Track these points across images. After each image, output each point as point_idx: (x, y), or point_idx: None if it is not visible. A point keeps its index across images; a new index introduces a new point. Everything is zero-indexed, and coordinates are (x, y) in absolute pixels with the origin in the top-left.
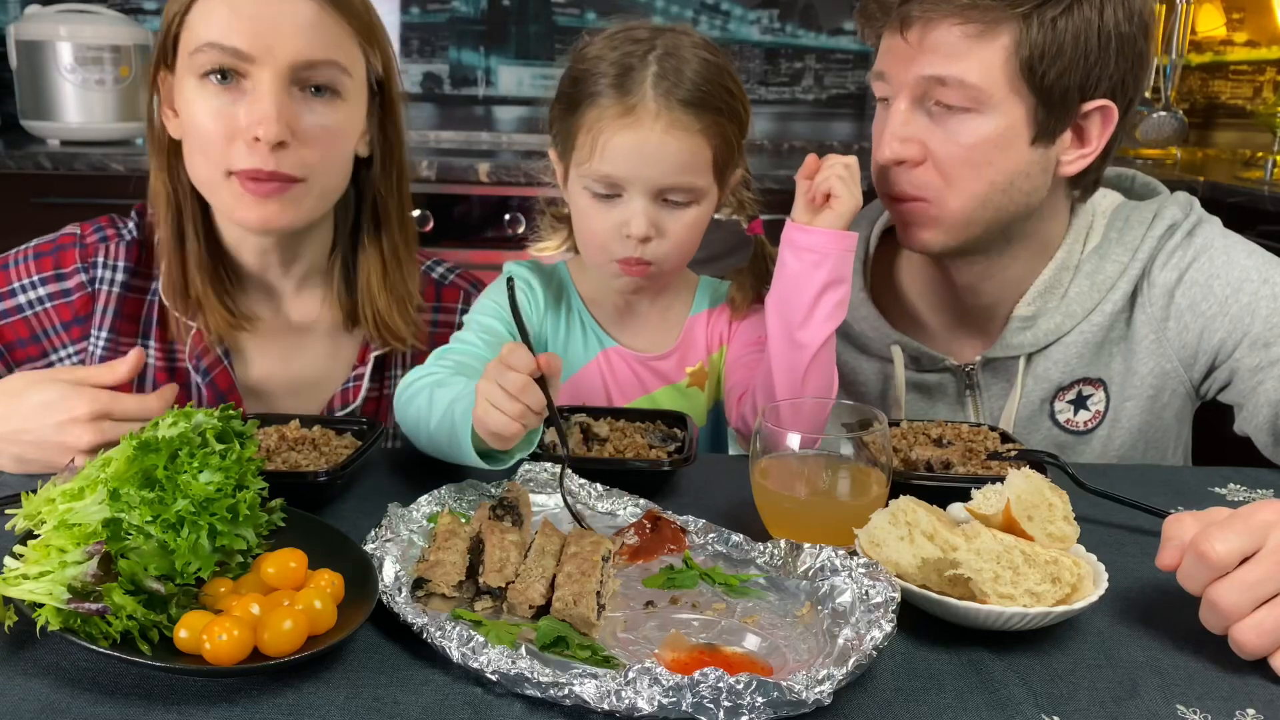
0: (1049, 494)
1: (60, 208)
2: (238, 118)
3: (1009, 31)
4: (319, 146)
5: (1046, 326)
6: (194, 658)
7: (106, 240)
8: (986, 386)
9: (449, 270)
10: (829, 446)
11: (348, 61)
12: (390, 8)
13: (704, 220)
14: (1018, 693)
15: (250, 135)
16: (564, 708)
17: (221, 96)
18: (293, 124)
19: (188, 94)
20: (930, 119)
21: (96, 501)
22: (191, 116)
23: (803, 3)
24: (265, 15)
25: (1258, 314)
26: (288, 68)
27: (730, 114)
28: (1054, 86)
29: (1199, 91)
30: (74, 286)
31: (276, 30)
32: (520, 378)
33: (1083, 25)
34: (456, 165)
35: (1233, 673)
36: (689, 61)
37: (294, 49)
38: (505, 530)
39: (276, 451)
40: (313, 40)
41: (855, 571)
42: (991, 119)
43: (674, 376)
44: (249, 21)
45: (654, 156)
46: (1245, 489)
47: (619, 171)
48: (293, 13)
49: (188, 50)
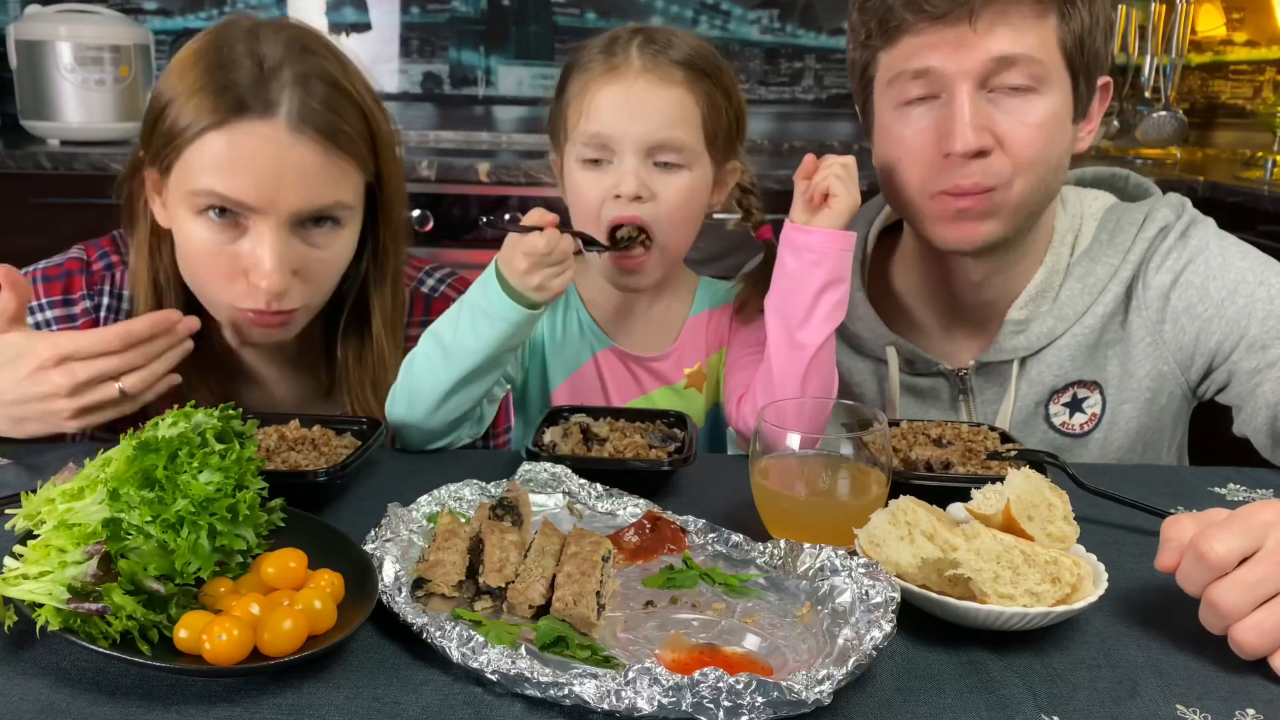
0: (1049, 494)
1: (60, 208)
2: (239, 258)
3: (1054, 9)
4: (319, 278)
5: (1039, 330)
6: (194, 658)
7: (112, 268)
8: (980, 391)
9: (440, 280)
10: (829, 446)
11: (350, 197)
12: (390, 8)
13: (697, 191)
14: (1018, 693)
15: (252, 281)
16: (564, 708)
17: (220, 234)
18: (295, 265)
19: (182, 218)
20: (993, 105)
21: (96, 501)
22: (188, 244)
23: (803, 3)
24: (269, 168)
25: (1254, 316)
26: (290, 216)
27: (718, 82)
28: (1090, 64)
29: (1199, 91)
30: (79, 312)
31: (279, 182)
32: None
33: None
34: (456, 165)
35: (1233, 673)
36: (677, 35)
37: (298, 199)
38: (505, 530)
39: (276, 451)
40: (317, 188)
41: (855, 571)
42: (1050, 97)
43: (672, 378)
44: (251, 174)
45: (639, 108)
46: (1245, 489)
47: (606, 128)
48: (298, 164)
49: (184, 184)
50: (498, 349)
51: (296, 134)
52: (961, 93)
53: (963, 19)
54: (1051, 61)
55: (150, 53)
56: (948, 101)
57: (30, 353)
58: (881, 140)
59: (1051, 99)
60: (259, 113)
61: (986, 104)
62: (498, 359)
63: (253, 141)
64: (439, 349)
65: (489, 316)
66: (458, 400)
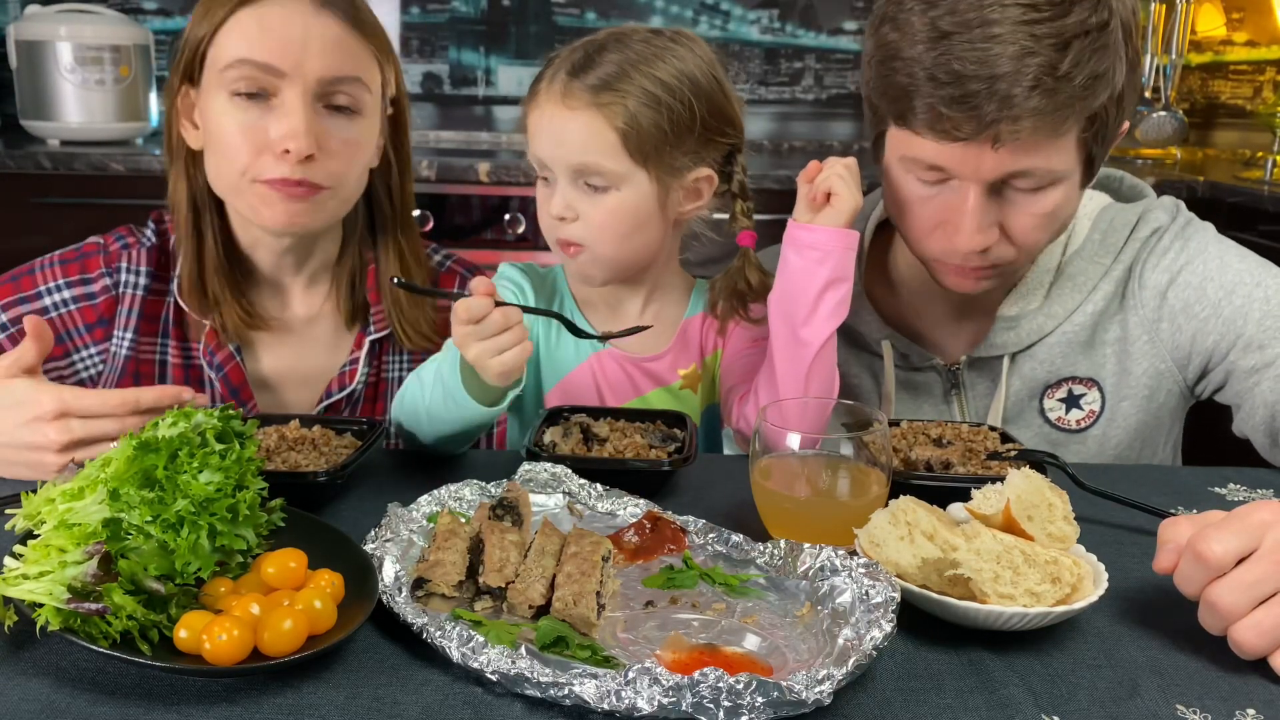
0: (1049, 494)
1: (60, 208)
2: (267, 131)
3: (1085, 114)
4: (342, 159)
5: (1030, 327)
6: (194, 658)
7: (128, 247)
8: (971, 385)
9: (446, 257)
10: (829, 446)
11: (368, 78)
12: (390, 8)
13: (629, 209)
14: (1018, 693)
15: (280, 148)
16: (564, 708)
17: (250, 111)
18: (319, 138)
19: (215, 108)
20: (1002, 200)
21: (96, 501)
22: (219, 128)
23: (803, 3)
24: (294, 34)
25: (1250, 316)
26: (316, 83)
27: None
28: (1109, 141)
29: (1199, 91)
30: (99, 290)
31: (305, 47)
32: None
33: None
34: (456, 165)
35: (1233, 673)
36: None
37: (322, 65)
38: (505, 530)
39: (276, 451)
40: (339, 57)
41: (855, 571)
42: (1063, 186)
43: (667, 378)
44: (279, 39)
45: (554, 135)
46: (1245, 489)
47: (538, 152)
48: (320, 32)
49: (217, 67)
50: (471, 427)
51: (320, 8)
52: (971, 195)
53: (984, 141)
54: (1071, 160)
55: (150, 53)
56: (958, 190)
57: (32, 401)
58: (889, 183)
59: (1065, 186)
60: None
61: (997, 200)
62: (477, 430)
63: (281, 12)
64: (421, 403)
65: (456, 402)
66: (449, 446)
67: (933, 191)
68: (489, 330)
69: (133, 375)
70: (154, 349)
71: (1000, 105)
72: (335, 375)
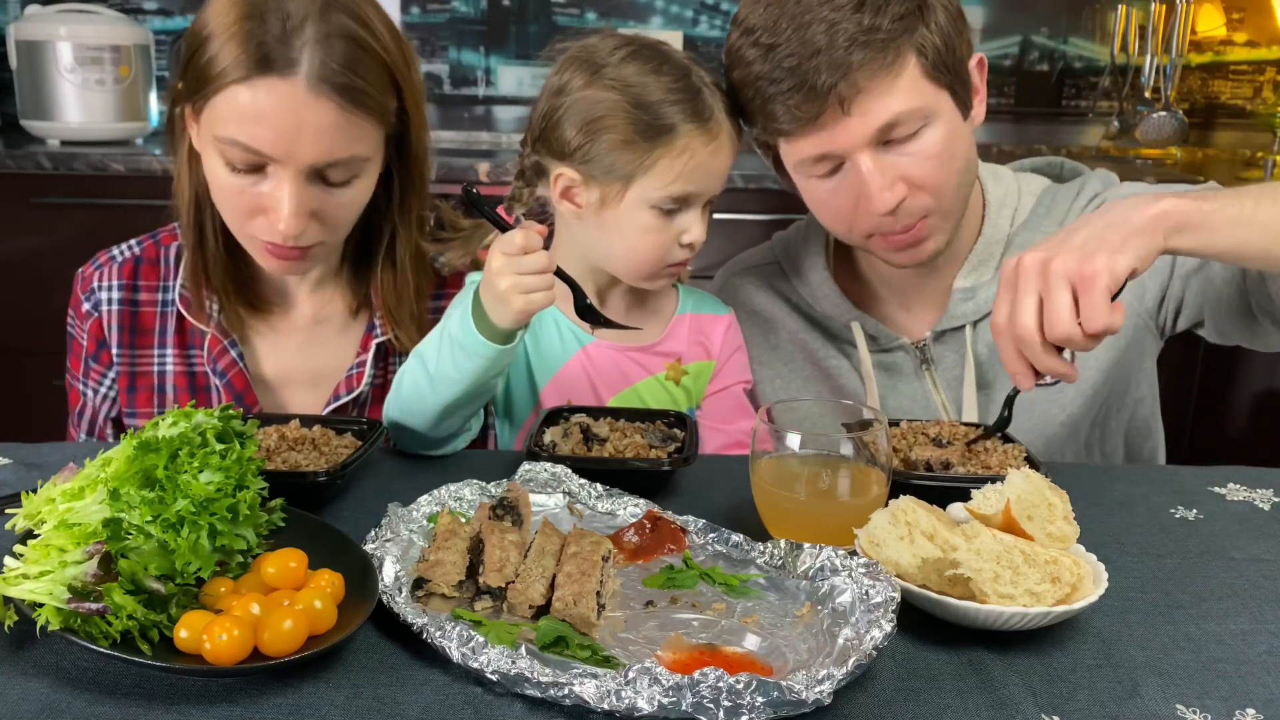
0: (1049, 494)
1: (60, 208)
2: (260, 198)
3: (911, 48)
4: (336, 219)
5: (986, 294)
6: (194, 658)
7: (101, 267)
8: (940, 359)
9: None
10: (829, 446)
11: (368, 150)
12: (390, 8)
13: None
14: (1018, 693)
15: (271, 221)
16: (564, 708)
17: (243, 178)
18: (312, 209)
19: (209, 156)
20: (895, 154)
21: (96, 501)
22: (215, 180)
23: None
24: (286, 122)
25: None
26: (308, 166)
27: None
28: (957, 67)
29: (1199, 91)
30: (84, 314)
31: (298, 136)
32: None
33: (950, 6)
34: (456, 165)
35: (1233, 673)
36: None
37: (315, 153)
38: (505, 530)
39: (276, 451)
40: (332, 142)
41: (855, 571)
42: (939, 121)
43: (656, 368)
44: (270, 128)
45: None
46: (1245, 488)
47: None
48: (314, 118)
49: (211, 128)
50: (477, 382)
51: (314, 93)
52: (863, 161)
53: (834, 110)
54: (927, 94)
55: (150, 53)
56: (853, 167)
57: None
58: (804, 196)
59: (941, 122)
60: (280, 71)
61: (888, 157)
62: (482, 388)
63: (273, 98)
64: (424, 374)
65: (466, 350)
66: (449, 422)
67: (834, 182)
68: (527, 266)
69: (127, 390)
70: (151, 360)
71: (829, 72)
72: (343, 378)
